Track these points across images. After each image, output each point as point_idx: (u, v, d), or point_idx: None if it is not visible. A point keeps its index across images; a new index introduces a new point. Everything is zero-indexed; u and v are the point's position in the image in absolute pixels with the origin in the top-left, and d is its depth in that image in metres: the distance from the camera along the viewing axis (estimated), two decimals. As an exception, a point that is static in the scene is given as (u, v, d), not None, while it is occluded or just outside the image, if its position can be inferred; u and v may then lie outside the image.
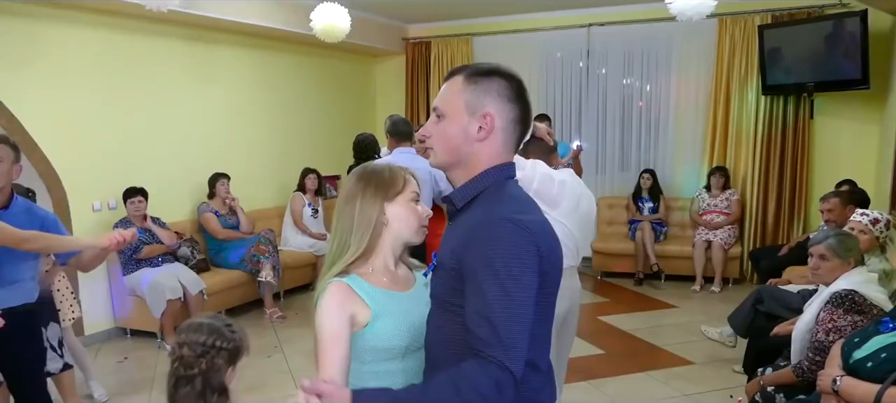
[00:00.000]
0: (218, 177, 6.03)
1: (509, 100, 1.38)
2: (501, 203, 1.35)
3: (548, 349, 1.44)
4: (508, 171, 1.42)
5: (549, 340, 1.44)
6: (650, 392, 4.19)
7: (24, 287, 2.91)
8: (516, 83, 1.41)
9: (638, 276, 6.93)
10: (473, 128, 1.38)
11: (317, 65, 7.55)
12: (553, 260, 1.34)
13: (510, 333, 1.23)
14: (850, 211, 4.22)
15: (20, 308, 2.87)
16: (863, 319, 2.74)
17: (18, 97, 4.70)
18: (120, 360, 4.92)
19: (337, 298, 1.54)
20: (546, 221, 1.39)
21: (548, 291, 1.35)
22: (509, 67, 1.44)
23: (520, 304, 1.25)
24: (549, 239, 1.35)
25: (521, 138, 1.44)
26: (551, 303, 1.39)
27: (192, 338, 1.79)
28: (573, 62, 7.65)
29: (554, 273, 1.36)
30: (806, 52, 6.17)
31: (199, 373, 1.80)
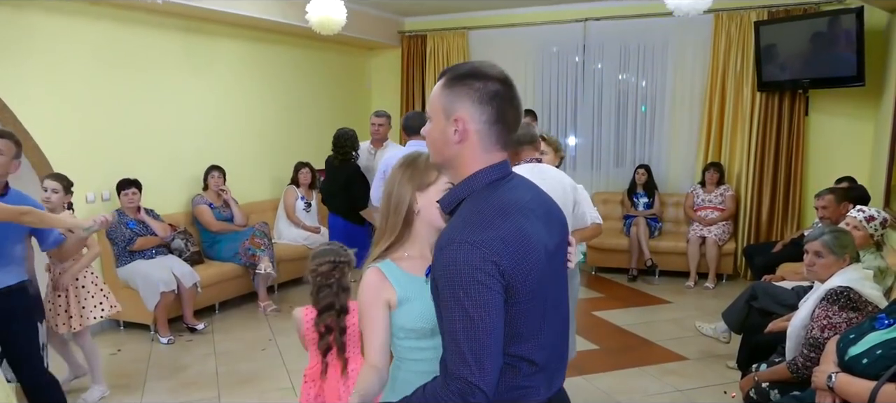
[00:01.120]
0: (211, 170, 6.01)
1: (481, 102, 1.38)
2: (464, 220, 1.37)
3: (547, 341, 1.43)
4: (493, 174, 1.42)
5: (546, 333, 1.43)
6: (644, 388, 4.20)
7: (18, 267, 3.13)
8: (493, 83, 1.39)
9: (632, 272, 6.94)
10: (450, 132, 1.40)
11: (312, 57, 7.52)
12: (522, 270, 1.33)
13: (475, 353, 1.28)
14: (844, 208, 4.24)
15: (16, 286, 3.10)
16: (858, 316, 2.75)
17: (11, 87, 4.65)
18: (113, 352, 4.90)
19: (372, 284, 1.68)
20: (518, 228, 1.35)
21: (528, 295, 1.35)
22: (493, 66, 1.43)
23: (483, 324, 1.28)
24: (515, 249, 1.32)
25: (504, 138, 1.42)
26: (538, 301, 1.38)
27: (325, 259, 2.58)
28: (569, 57, 7.64)
29: (526, 280, 1.34)
30: (801, 49, 6.18)
31: (335, 280, 2.59)
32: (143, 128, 5.63)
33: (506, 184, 1.44)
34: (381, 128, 5.44)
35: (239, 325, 5.49)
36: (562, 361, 1.54)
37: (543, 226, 1.43)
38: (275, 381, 4.34)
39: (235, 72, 6.58)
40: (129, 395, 4.16)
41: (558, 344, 1.50)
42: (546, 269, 1.40)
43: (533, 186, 1.53)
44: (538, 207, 1.46)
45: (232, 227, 6.01)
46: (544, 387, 1.44)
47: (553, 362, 1.48)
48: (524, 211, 1.40)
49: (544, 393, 1.44)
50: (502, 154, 1.44)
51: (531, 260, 1.35)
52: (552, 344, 1.46)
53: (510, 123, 1.42)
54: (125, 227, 5.16)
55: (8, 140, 3.07)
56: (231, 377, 4.42)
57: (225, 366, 4.60)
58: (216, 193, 6.02)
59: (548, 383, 1.46)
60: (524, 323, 1.37)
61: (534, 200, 1.47)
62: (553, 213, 1.52)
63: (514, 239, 1.33)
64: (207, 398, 4.11)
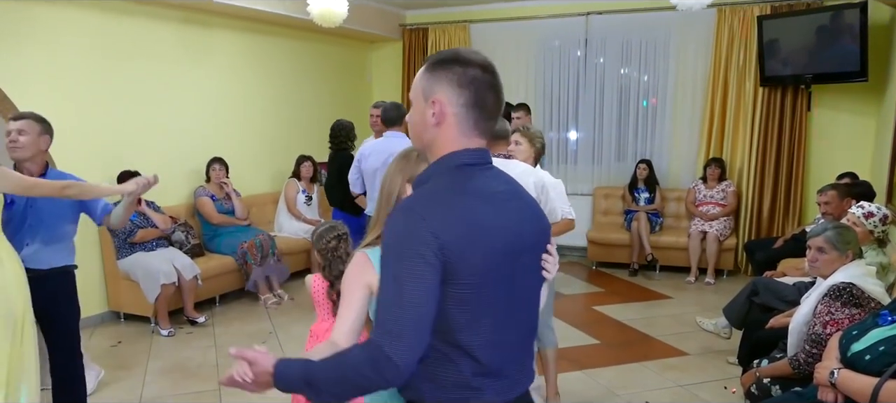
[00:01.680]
0: (213, 162, 6.00)
1: (460, 85, 1.38)
2: (421, 194, 1.38)
3: (499, 342, 1.38)
4: (465, 157, 1.40)
5: (497, 332, 1.38)
6: (644, 383, 4.20)
7: (65, 248, 3.19)
8: (473, 68, 1.39)
9: (633, 267, 6.94)
10: (429, 115, 1.41)
11: (313, 50, 7.50)
12: (465, 254, 1.30)
13: (397, 323, 1.26)
14: (847, 204, 4.23)
15: (61, 268, 3.15)
16: (860, 312, 2.75)
17: (12, 78, 4.64)
18: (113, 344, 4.90)
19: (357, 268, 1.68)
20: (472, 211, 1.33)
21: (469, 281, 1.31)
22: (475, 53, 1.43)
23: (410, 295, 1.26)
24: (462, 231, 1.30)
25: (481, 122, 1.41)
26: (483, 292, 1.34)
27: (330, 235, 2.98)
28: (570, 51, 7.61)
29: (468, 265, 1.30)
30: (804, 44, 6.15)
31: (342, 251, 2.96)
32: (143, 121, 5.61)
33: (478, 170, 1.42)
34: (378, 118, 5.44)
35: (239, 318, 5.49)
36: (521, 371, 1.48)
37: (512, 223, 1.40)
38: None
39: (236, 64, 6.56)
40: (130, 387, 4.15)
41: (516, 351, 1.45)
42: (502, 264, 1.36)
43: (513, 183, 1.50)
44: (511, 202, 1.43)
45: (233, 220, 6.01)
46: (496, 394, 1.39)
47: (509, 369, 1.43)
48: (489, 199, 1.38)
49: (495, 398, 1.39)
50: (480, 140, 1.43)
51: (480, 246, 1.32)
52: (506, 347, 1.41)
53: (489, 109, 1.41)
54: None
55: (28, 119, 3.11)
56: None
57: (225, 359, 4.60)
58: (218, 186, 6.01)
59: (502, 391, 1.41)
60: (464, 311, 1.32)
61: (507, 194, 1.44)
62: (530, 215, 1.48)
63: (463, 220, 1.32)
64: (208, 390, 4.11)
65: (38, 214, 3.07)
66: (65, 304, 3.19)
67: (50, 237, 3.11)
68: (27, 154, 3.08)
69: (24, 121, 3.10)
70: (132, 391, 4.10)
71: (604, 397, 4.01)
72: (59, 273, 3.15)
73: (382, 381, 1.28)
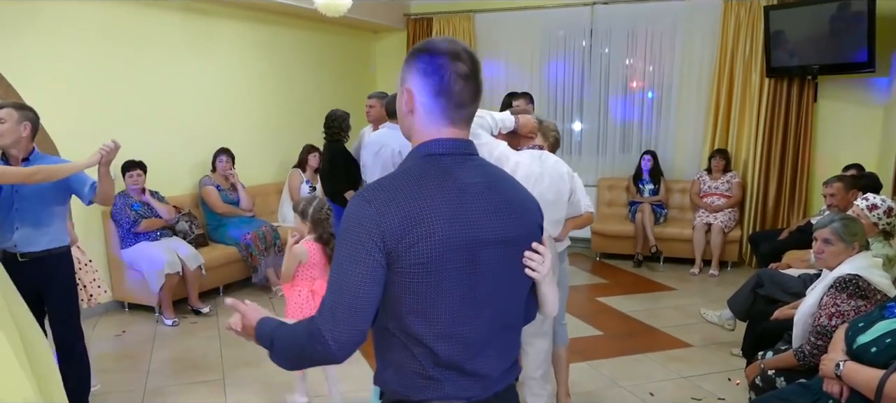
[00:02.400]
0: (220, 153, 6.00)
1: (426, 74, 1.39)
2: (379, 181, 1.39)
3: (460, 335, 1.37)
4: (433, 147, 1.40)
5: (457, 325, 1.37)
6: (648, 374, 4.19)
7: (56, 229, 3.24)
8: (441, 57, 1.38)
9: (637, 258, 6.93)
10: (403, 102, 1.43)
11: (317, 40, 7.48)
12: (407, 241, 1.30)
13: (334, 302, 1.32)
14: (853, 196, 4.20)
15: (53, 249, 3.22)
16: (866, 304, 2.73)
17: (15, 67, 4.63)
18: (118, 334, 4.92)
19: None
20: (423, 198, 1.33)
21: (413, 269, 1.31)
22: (449, 42, 1.41)
23: (348, 277, 1.31)
24: (406, 217, 1.30)
25: (451, 111, 1.39)
26: (430, 280, 1.33)
27: (317, 206, 3.48)
28: (576, 41, 7.58)
29: (410, 252, 1.30)
30: (811, 35, 6.11)
31: (330, 216, 3.49)
32: (147, 111, 5.61)
33: (445, 160, 1.39)
34: (372, 109, 5.40)
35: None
36: (495, 367, 1.44)
37: (472, 215, 1.36)
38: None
39: (240, 54, 6.54)
40: (134, 377, 4.17)
41: (487, 347, 1.42)
42: (452, 255, 1.33)
43: (496, 176, 1.46)
44: (480, 194, 1.39)
45: (238, 211, 6.01)
46: (459, 389, 1.39)
47: (478, 364, 1.41)
48: (449, 190, 1.36)
49: (458, 392, 1.39)
50: (452, 129, 1.41)
51: (422, 236, 1.30)
52: (470, 342, 1.39)
53: (457, 98, 1.39)
54: (130, 209, 5.16)
55: (8, 108, 3.16)
56: (236, 359, 4.42)
57: (229, 349, 4.61)
58: (223, 176, 6.00)
59: (468, 387, 1.40)
60: (413, 299, 1.33)
61: (479, 186, 1.40)
62: (505, 208, 1.42)
63: (407, 209, 1.31)
64: (212, 379, 4.12)
65: (23, 199, 3.15)
66: (60, 284, 3.27)
67: (38, 220, 3.18)
68: (7, 140, 3.15)
69: (4, 110, 3.17)
70: (136, 380, 4.11)
71: (607, 388, 4.01)
72: (52, 254, 3.22)
73: (320, 357, 1.34)
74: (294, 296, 3.48)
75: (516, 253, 1.45)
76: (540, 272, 1.47)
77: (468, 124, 1.45)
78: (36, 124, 3.25)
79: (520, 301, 1.50)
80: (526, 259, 1.46)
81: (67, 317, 3.31)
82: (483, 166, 1.45)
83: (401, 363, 1.39)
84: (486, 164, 1.47)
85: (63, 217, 3.31)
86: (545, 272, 1.48)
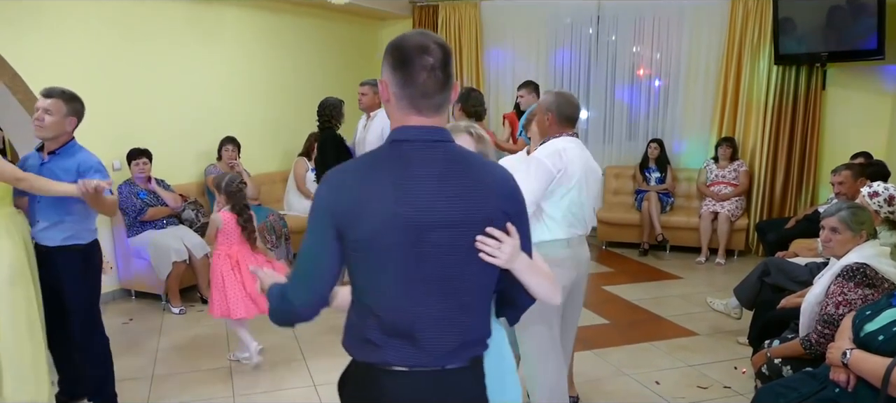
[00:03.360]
0: (225, 142, 6.00)
1: (393, 67, 1.49)
2: (350, 161, 1.56)
3: (404, 308, 1.47)
4: (398, 134, 1.51)
5: (402, 300, 1.47)
6: (654, 363, 4.19)
7: (71, 227, 3.15)
8: (408, 50, 1.47)
9: (643, 247, 6.91)
10: (381, 93, 1.56)
11: (323, 28, 7.45)
12: (352, 220, 1.44)
13: (295, 268, 1.55)
14: (861, 184, 4.17)
15: (65, 247, 3.14)
16: (874, 293, 2.72)
17: (21, 54, 4.64)
18: (125, 321, 4.94)
19: None
20: (372, 182, 1.45)
21: (357, 245, 1.45)
22: (418, 35, 1.50)
23: (307, 246, 1.51)
24: (352, 198, 1.44)
25: (418, 100, 1.48)
26: (372, 257, 1.46)
27: (230, 180, 3.93)
28: (582, 28, 7.53)
29: (355, 231, 1.44)
30: (820, 22, 6.06)
31: (244, 191, 3.99)
32: (152, 100, 5.61)
33: (407, 147, 1.48)
34: (364, 97, 5.37)
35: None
36: (443, 342, 1.50)
37: (420, 199, 1.44)
38: (286, 352, 4.36)
39: (245, 42, 6.53)
40: (141, 364, 4.19)
41: (436, 321, 1.49)
42: (395, 234, 1.43)
43: (458, 161, 1.50)
44: (439, 179, 1.46)
45: (243, 199, 6.01)
46: (401, 358, 1.49)
47: (424, 337, 1.48)
48: (401, 174, 1.45)
49: (400, 359, 1.49)
50: (421, 118, 1.50)
51: (366, 215, 1.43)
52: (417, 317, 1.48)
53: (424, 89, 1.47)
54: (136, 197, 5.17)
55: (57, 99, 3.08)
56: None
57: (235, 337, 4.62)
58: (229, 165, 6.00)
59: (410, 357, 1.49)
60: (362, 272, 1.49)
61: (434, 174, 1.46)
62: (467, 194, 1.48)
63: (354, 189, 1.45)
64: (219, 367, 4.14)
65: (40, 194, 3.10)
66: (70, 281, 3.20)
67: (55, 215, 3.12)
68: (50, 133, 3.09)
69: (51, 100, 3.08)
70: (143, 368, 4.13)
71: (613, 376, 4.01)
72: (63, 250, 3.15)
73: (290, 313, 1.56)
74: (217, 261, 3.98)
75: (469, 237, 1.50)
76: (498, 257, 1.51)
77: (438, 111, 1.51)
78: (82, 115, 3.20)
79: (479, 283, 1.55)
80: (478, 243, 1.50)
81: (77, 314, 3.25)
82: (449, 153, 1.51)
83: (353, 325, 1.56)
84: (454, 152, 1.52)
85: (84, 214, 3.21)
86: (505, 258, 1.51)
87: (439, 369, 1.51)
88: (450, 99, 1.53)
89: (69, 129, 3.14)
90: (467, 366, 1.56)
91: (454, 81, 1.54)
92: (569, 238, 2.98)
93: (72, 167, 3.09)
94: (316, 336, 4.54)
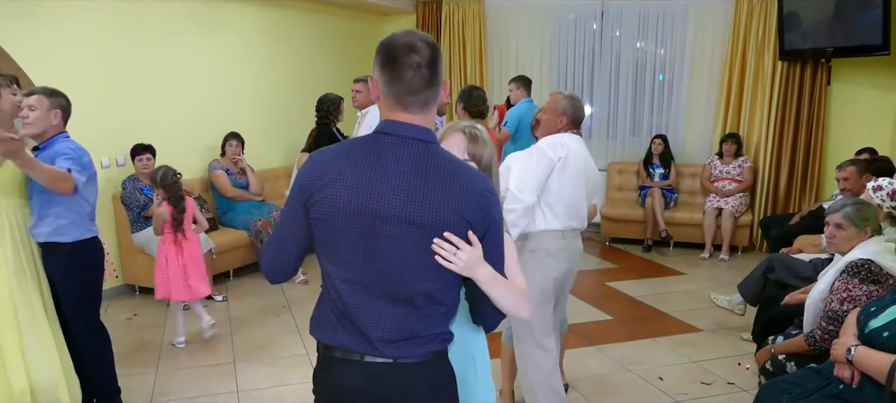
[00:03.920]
0: (229, 138, 6.00)
1: (381, 66, 1.55)
2: (332, 146, 1.63)
3: (355, 290, 1.55)
4: (379, 127, 1.58)
5: (351, 275, 1.55)
6: (658, 359, 4.19)
7: (52, 222, 3.08)
8: (392, 50, 1.53)
9: (646, 243, 6.90)
10: (372, 89, 1.61)
11: (326, 23, 7.45)
12: (314, 200, 1.54)
13: (269, 236, 1.74)
14: (867, 180, 4.15)
15: (54, 245, 3.10)
16: (878, 289, 2.72)
17: (24, 49, 4.65)
18: (129, 317, 4.95)
19: None
20: (338, 167, 1.53)
21: (316, 222, 1.56)
22: (402, 35, 1.54)
23: (281, 217, 1.65)
24: (319, 179, 1.54)
25: (403, 96, 1.54)
26: (337, 239, 1.54)
27: (164, 173, 4.25)
28: (586, 24, 7.52)
29: (316, 209, 1.54)
30: (825, 17, 6.04)
31: (179, 183, 4.30)
32: (156, 96, 5.62)
33: (385, 139, 1.54)
34: (358, 94, 5.35)
35: (253, 292, 5.52)
36: (390, 333, 1.55)
37: (377, 189, 1.50)
38: (289, 348, 4.36)
39: (248, 38, 6.53)
40: (145, 360, 4.20)
41: (384, 313, 1.55)
42: (350, 219, 1.51)
43: (430, 163, 1.52)
44: (403, 176, 1.50)
45: (247, 195, 6.02)
46: (350, 336, 1.57)
47: (375, 325, 1.56)
48: (366, 163, 1.52)
49: (350, 342, 1.57)
50: (406, 113, 1.55)
51: (327, 196, 1.52)
52: (364, 300, 1.56)
53: (408, 84, 1.52)
54: (140, 193, 5.18)
55: (39, 94, 3.10)
56: (246, 343, 4.45)
57: (239, 333, 4.64)
58: (233, 160, 6.01)
59: (354, 340, 1.57)
60: (319, 250, 1.60)
61: (405, 168, 1.51)
62: (429, 195, 1.50)
63: (324, 173, 1.54)
64: (222, 363, 4.15)
65: (32, 186, 3.08)
66: (58, 280, 3.15)
67: (39, 210, 3.09)
68: (36, 129, 3.10)
69: (34, 96, 3.11)
70: (148, 363, 4.14)
71: (616, 372, 4.00)
72: (49, 247, 3.11)
73: (266, 276, 1.73)
74: (162, 248, 4.31)
75: (422, 237, 1.52)
76: (454, 263, 1.51)
77: (424, 108, 1.56)
78: (67, 110, 3.19)
79: (433, 285, 1.56)
80: (434, 245, 1.51)
81: (67, 312, 3.20)
82: (424, 153, 1.54)
83: (319, 302, 1.67)
84: (430, 153, 1.54)
85: (68, 210, 3.10)
86: (461, 264, 1.51)
87: (391, 362, 1.56)
88: (437, 96, 1.57)
89: (55, 123, 3.13)
90: (425, 362, 1.59)
91: (442, 79, 1.58)
92: (563, 229, 3.05)
93: (50, 157, 3.06)
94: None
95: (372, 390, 1.57)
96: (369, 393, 1.57)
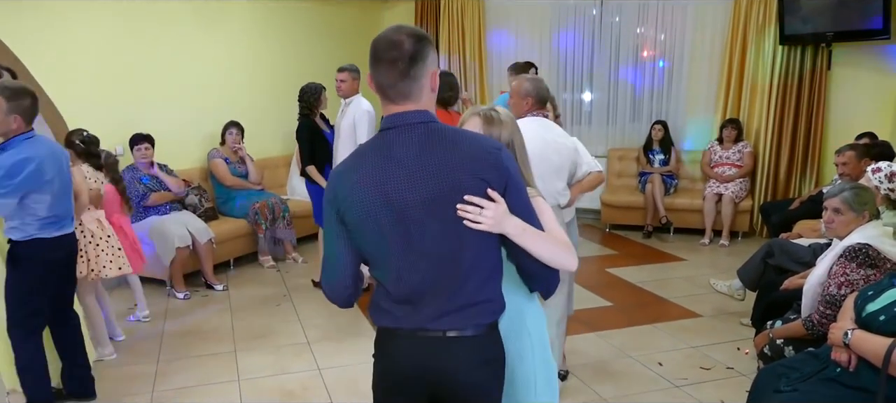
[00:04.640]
0: (229, 126, 6.00)
1: (371, 62, 1.63)
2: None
3: (404, 278, 1.61)
4: (381, 124, 1.65)
5: (400, 269, 1.61)
6: (658, 344, 4.20)
7: (6, 223, 3.12)
8: (374, 48, 1.61)
9: (647, 229, 6.91)
10: (371, 87, 1.68)
11: (325, 11, 7.43)
12: (346, 203, 1.61)
13: (323, 260, 1.75)
14: (865, 164, 4.15)
15: (11, 242, 3.12)
16: (876, 273, 2.72)
17: (22, 40, 4.63)
18: (130, 307, 4.96)
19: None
20: (360, 168, 1.61)
21: (353, 225, 1.62)
22: (397, 29, 1.60)
23: (325, 233, 1.71)
24: (346, 182, 1.61)
25: (385, 89, 1.61)
26: (367, 234, 1.61)
27: (106, 155, 4.23)
28: (586, 9, 7.48)
29: (350, 212, 1.61)
30: (826, 1, 6.00)
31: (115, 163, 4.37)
32: (155, 84, 5.61)
33: (390, 133, 1.61)
34: (342, 84, 5.29)
35: (253, 281, 5.54)
36: (441, 307, 1.62)
37: (397, 179, 1.57)
38: (290, 336, 4.38)
39: (247, 26, 6.51)
40: (146, 350, 4.22)
41: (432, 290, 1.62)
42: (381, 214, 1.58)
43: (432, 139, 1.58)
44: (413, 161, 1.57)
45: (246, 184, 6.02)
46: (404, 317, 1.65)
47: (426, 301, 1.63)
48: (379, 157, 1.60)
49: (403, 322, 1.65)
50: (395, 106, 1.62)
51: (356, 199, 1.59)
52: (417, 285, 1.62)
53: (387, 80, 1.60)
54: (139, 183, 5.18)
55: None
56: (246, 331, 4.47)
57: (240, 321, 4.65)
58: (233, 149, 6.01)
59: (413, 318, 1.64)
60: (364, 251, 1.67)
61: (413, 154, 1.57)
62: (437, 169, 1.56)
63: (348, 177, 1.62)
64: (223, 352, 4.16)
65: None
66: (24, 274, 3.15)
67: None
68: None
69: None
70: (149, 353, 4.16)
71: (616, 358, 4.02)
72: (10, 246, 3.13)
73: (326, 289, 1.76)
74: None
75: (447, 209, 1.57)
76: (482, 222, 1.56)
77: (409, 98, 1.60)
78: (28, 111, 3.07)
79: (470, 252, 1.61)
80: (459, 211, 1.56)
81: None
82: (426, 133, 1.60)
83: (374, 294, 1.73)
84: (432, 130, 1.61)
85: (19, 214, 3.07)
86: (489, 222, 1.56)
87: (440, 335, 1.63)
88: (421, 85, 1.60)
89: (14, 127, 3.04)
90: (476, 334, 1.65)
91: (430, 69, 1.61)
92: None
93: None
94: (320, 322, 4.57)
95: (425, 364, 1.65)
96: (423, 367, 1.65)
